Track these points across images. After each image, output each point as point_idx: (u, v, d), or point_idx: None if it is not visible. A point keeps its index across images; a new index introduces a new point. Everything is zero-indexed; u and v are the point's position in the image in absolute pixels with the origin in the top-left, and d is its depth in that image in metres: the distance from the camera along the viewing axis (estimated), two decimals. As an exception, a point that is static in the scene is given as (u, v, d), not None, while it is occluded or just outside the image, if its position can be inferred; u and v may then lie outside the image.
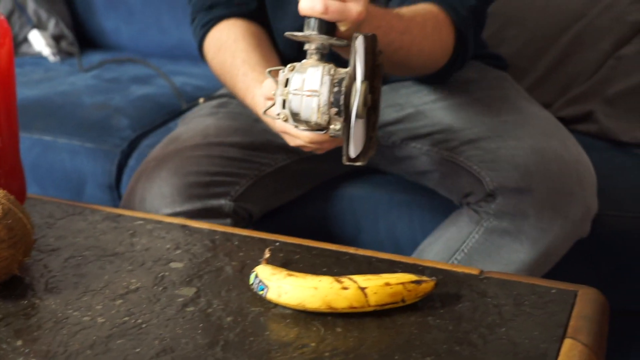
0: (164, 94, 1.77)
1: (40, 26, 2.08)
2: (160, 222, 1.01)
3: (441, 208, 1.28)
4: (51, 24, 2.08)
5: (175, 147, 1.21)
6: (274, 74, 0.91)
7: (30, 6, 2.07)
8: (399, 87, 1.30)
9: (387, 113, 1.28)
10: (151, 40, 2.12)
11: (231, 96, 1.35)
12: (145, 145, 1.54)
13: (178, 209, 1.13)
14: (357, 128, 0.80)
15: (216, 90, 1.51)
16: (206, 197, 1.16)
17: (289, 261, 0.91)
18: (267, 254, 0.88)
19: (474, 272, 0.88)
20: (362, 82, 0.80)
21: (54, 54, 2.05)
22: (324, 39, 0.86)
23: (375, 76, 0.83)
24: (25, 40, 2.08)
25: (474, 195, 1.17)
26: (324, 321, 0.79)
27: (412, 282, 0.80)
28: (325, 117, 0.82)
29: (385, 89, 1.30)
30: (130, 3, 2.12)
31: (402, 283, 0.80)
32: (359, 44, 0.81)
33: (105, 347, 0.74)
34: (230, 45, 1.18)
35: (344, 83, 0.81)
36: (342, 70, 0.83)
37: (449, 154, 1.20)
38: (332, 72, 0.82)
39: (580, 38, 1.62)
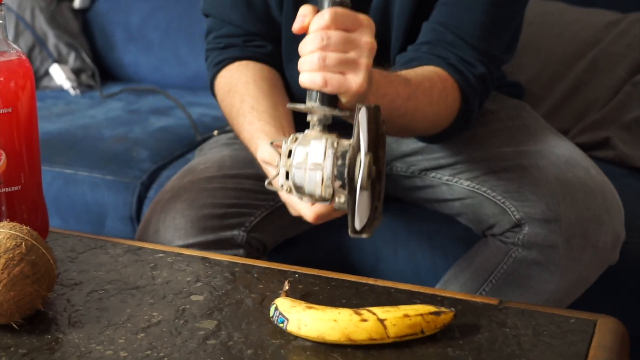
0: (183, 125, 1.79)
1: (61, 60, 2.11)
2: (180, 254, 1.02)
3: (462, 237, 1.28)
4: (71, 58, 2.12)
5: (190, 179, 1.22)
6: (278, 144, 0.91)
7: (51, 41, 2.11)
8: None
9: (405, 144, 1.29)
10: (169, 72, 2.15)
11: None
12: (164, 177, 1.56)
13: (191, 240, 1.14)
14: (361, 200, 0.80)
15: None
16: (219, 229, 1.17)
17: (309, 293, 0.91)
18: (286, 286, 0.89)
19: (493, 302, 0.89)
20: (366, 154, 0.80)
21: (74, 87, 2.08)
22: (326, 111, 0.86)
23: (379, 146, 0.83)
24: (47, 74, 2.11)
25: (498, 226, 1.17)
26: (343, 353, 0.79)
27: (431, 313, 0.81)
28: (329, 191, 0.82)
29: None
30: (148, 36, 2.15)
31: (421, 314, 0.80)
32: (362, 115, 0.81)
33: (128, 381, 0.75)
34: (240, 89, 1.18)
35: (348, 155, 0.81)
36: (346, 142, 0.83)
37: (471, 184, 1.21)
38: (335, 144, 0.82)
39: (595, 65, 1.62)
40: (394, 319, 0.80)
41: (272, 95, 1.17)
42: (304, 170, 0.83)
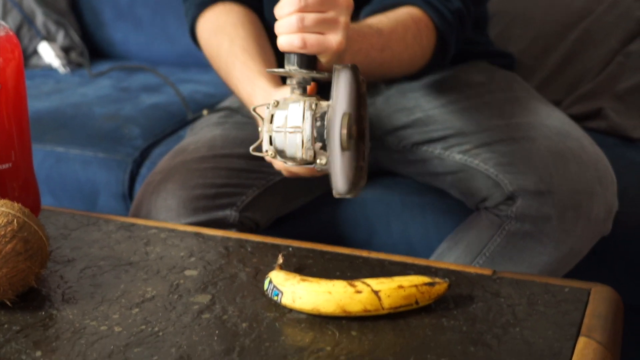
0: (174, 102, 1.78)
1: (50, 38, 2.10)
2: (173, 230, 1.02)
3: (455, 210, 1.28)
4: (60, 36, 2.10)
5: (181, 160, 1.22)
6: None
7: (39, 19, 2.09)
8: (407, 90, 1.30)
9: (396, 118, 1.29)
10: (159, 49, 2.14)
11: (235, 108, 1.35)
12: (157, 154, 1.55)
13: (183, 221, 1.13)
14: (344, 160, 0.79)
15: (225, 97, 1.51)
16: (212, 209, 1.16)
17: (302, 266, 0.91)
18: (280, 260, 0.89)
19: (487, 272, 0.89)
20: (344, 114, 0.79)
21: (63, 65, 2.07)
22: (304, 74, 0.85)
23: (361, 105, 0.82)
24: (35, 52, 2.10)
25: (491, 199, 1.17)
26: (338, 325, 0.79)
27: (425, 284, 0.81)
28: (310, 153, 0.82)
29: (392, 92, 1.30)
30: (138, 13, 2.13)
31: (416, 285, 0.80)
32: (340, 76, 0.80)
33: (123, 356, 0.75)
34: (228, 30, 1.17)
35: (327, 116, 0.81)
36: (325, 104, 0.82)
37: (463, 157, 1.20)
38: (313, 106, 0.82)
39: (587, 35, 1.62)
40: (388, 290, 0.80)
41: (261, 41, 1.16)
42: (284, 133, 0.83)
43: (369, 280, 0.81)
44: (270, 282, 0.83)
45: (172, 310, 0.83)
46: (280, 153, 0.85)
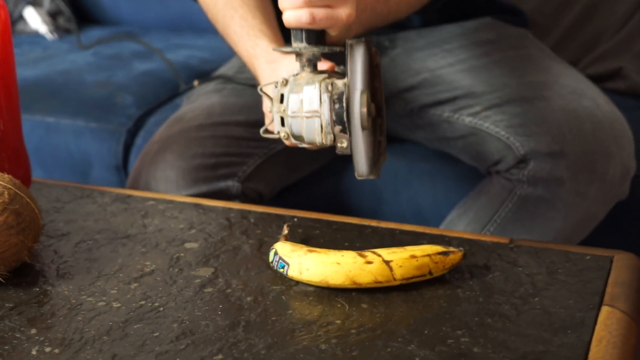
0: (168, 68, 1.76)
1: (36, 3, 2.07)
2: (172, 201, 1.01)
3: (466, 176, 1.28)
4: (46, 0, 2.08)
5: (179, 128, 1.21)
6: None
7: (24, -18, 2.07)
8: (413, 51, 1.29)
9: (402, 79, 1.27)
10: (152, 13, 2.11)
11: (230, 76, 1.34)
12: (151, 123, 1.54)
13: (183, 193, 1.13)
14: (365, 141, 0.79)
15: (223, 63, 1.50)
16: (212, 180, 1.16)
17: (309, 237, 0.91)
18: (285, 230, 0.88)
19: (504, 240, 0.88)
20: (363, 92, 0.78)
21: (51, 32, 2.05)
22: (314, 50, 0.83)
23: (375, 77, 0.81)
24: (21, 18, 2.08)
25: (503, 163, 1.16)
26: (348, 297, 0.79)
27: (439, 253, 0.80)
28: (330, 137, 0.81)
29: (398, 52, 1.29)
30: (128, -26, 2.11)
31: (429, 255, 0.80)
32: (355, 52, 0.79)
33: (122, 333, 0.74)
34: None
35: (344, 97, 0.79)
36: (340, 82, 0.80)
37: (473, 120, 1.20)
38: (329, 88, 0.80)
39: (605, -9, 1.60)
40: (400, 260, 0.79)
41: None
42: (300, 119, 0.81)
43: (379, 250, 0.80)
44: (276, 253, 0.83)
45: (173, 284, 0.82)
46: (296, 138, 0.83)
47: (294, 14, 0.83)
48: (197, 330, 0.75)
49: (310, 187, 1.35)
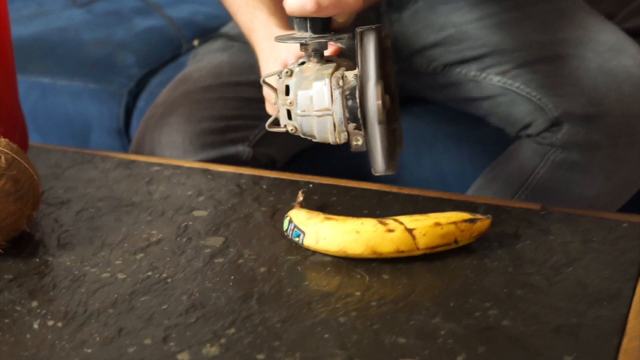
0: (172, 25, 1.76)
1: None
2: (178, 167, 1.02)
3: (493, 139, 1.28)
4: (40, -48, 2.08)
5: (185, 90, 1.21)
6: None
7: None
8: (436, 4, 1.28)
9: (424, 35, 1.27)
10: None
11: (234, 35, 1.33)
12: (155, 84, 1.55)
13: (191, 158, 1.13)
14: (381, 135, 0.78)
15: (230, 19, 1.49)
16: (222, 145, 1.16)
17: (326, 204, 0.91)
18: (300, 197, 0.89)
19: (534, 207, 0.89)
20: (377, 84, 0.76)
21: (45, -14, 2.04)
22: (321, 40, 0.82)
23: (386, 60, 0.80)
24: (13, -29, 2.07)
25: (534, 126, 1.16)
26: (368, 268, 0.79)
27: (465, 220, 0.80)
28: (344, 135, 0.80)
29: (420, 5, 1.28)
30: None
31: (454, 222, 0.80)
32: (366, 41, 0.77)
33: (128, 305, 0.75)
34: None
35: (357, 92, 0.78)
36: (351, 75, 0.79)
37: (502, 80, 1.19)
38: (340, 83, 0.79)
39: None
40: (423, 228, 0.79)
41: None
42: (311, 118, 0.81)
43: (401, 218, 0.80)
44: (291, 221, 0.83)
45: (181, 254, 0.83)
46: (307, 135, 0.83)
47: (297, 1, 0.80)
48: (207, 302, 0.75)
49: (325, 150, 1.35)
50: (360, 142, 0.80)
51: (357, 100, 0.78)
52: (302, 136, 0.84)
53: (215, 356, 0.69)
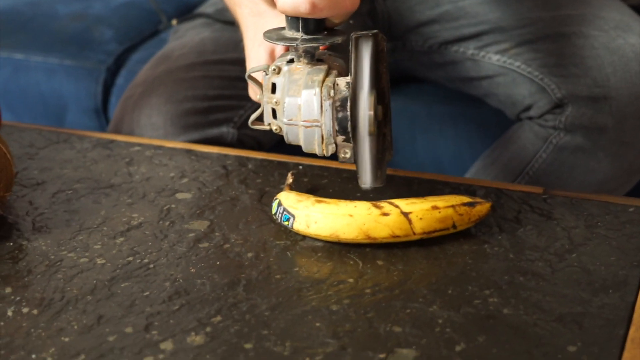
0: (153, -2, 1.76)
1: None
2: (160, 147, 1.01)
3: (492, 121, 1.28)
4: None
5: (166, 68, 1.20)
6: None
7: None
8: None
9: (419, 11, 1.27)
10: None
11: (213, 14, 1.32)
12: (134, 61, 1.54)
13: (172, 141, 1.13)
14: (370, 147, 0.77)
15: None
16: (205, 126, 1.15)
17: (316, 187, 0.91)
18: (289, 179, 0.88)
19: (536, 190, 0.89)
20: (370, 93, 0.76)
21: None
22: (313, 42, 0.81)
23: (380, 62, 0.79)
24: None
25: (536, 108, 1.16)
26: (361, 254, 0.79)
27: (464, 204, 0.80)
28: (332, 147, 0.79)
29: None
30: None
31: (453, 206, 0.80)
32: (361, 48, 0.76)
33: (108, 292, 0.75)
34: None
35: (349, 103, 0.77)
36: (343, 83, 0.78)
37: (501, 59, 1.19)
38: (331, 93, 0.78)
39: None
40: (420, 211, 0.79)
41: None
42: (298, 127, 0.80)
43: (397, 201, 0.80)
44: (280, 204, 0.83)
45: (164, 239, 0.83)
46: (292, 142, 0.82)
47: (290, 1, 0.78)
48: (192, 289, 0.75)
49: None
50: (348, 155, 0.79)
51: (348, 112, 0.77)
52: (287, 142, 0.83)
53: (200, 345, 0.68)
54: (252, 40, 0.99)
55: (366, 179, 0.78)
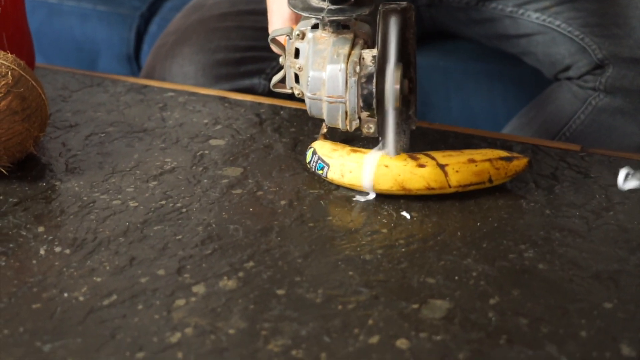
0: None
1: None
2: (194, 94, 1.01)
3: (529, 80, 1.27)
4: None
5: (198, 17, 1.20)
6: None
7: None
8: None
9: (457, -34, 1.25)
10: None
11: None
12: (168, 8, 1.54)
13: None
14: (395, 121, 0.76)
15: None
16: (236, 77, 1.15)
17: (350, 138, 0.90)
18: (324, 129, 0.88)
19: (574, 148, 0.88)
20: (396, 67, 0.74)
21: None
22: (339, 17, 0.79)
23: (407, 30, 0.77)
24: None
25: (575, 68, 1.15)
26: (396, 204, 0.79)
27: (502, 158, 0.80)
28: (355, 123, 0.79)
29: None
30: None
31: (490, 160, 0.79)
32: (389, 22, 0.75)
33: (140, 234, 0.75)
34: None
35: (375, 80, 0.76)
36: (369, 58, 0.77)
37: (541, 17, 1.18)
38: (357, 69, 0.77)
39: None
40: (456, 164, 0.79)
41: None
42: (321, 102, 0.80)
43: (433, 153, 0.80)
44: (314, 153, 0.83)
45: (197, 184, 0.83)
46: (315, 116, 0.82)
47: None
48: (224, 234, 0.75)
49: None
50: (372, 130, 0.79)
51: (374, 88, 0.76)
52: (309, 114, 0.83)
53: (232, 289, 0.68)
54: None
55: (390, 150, 0.78)
